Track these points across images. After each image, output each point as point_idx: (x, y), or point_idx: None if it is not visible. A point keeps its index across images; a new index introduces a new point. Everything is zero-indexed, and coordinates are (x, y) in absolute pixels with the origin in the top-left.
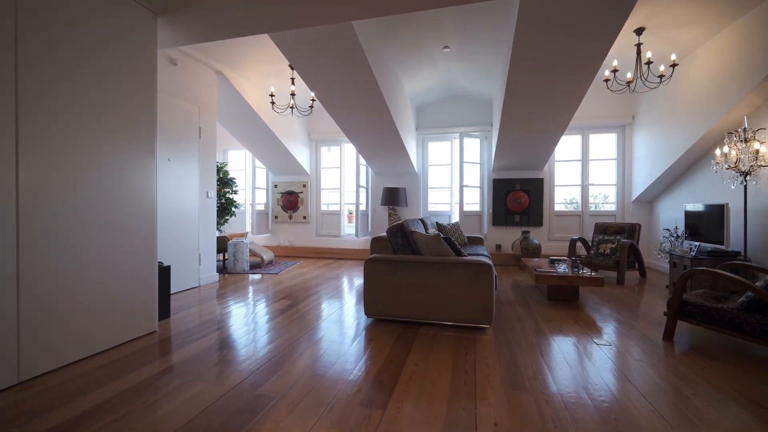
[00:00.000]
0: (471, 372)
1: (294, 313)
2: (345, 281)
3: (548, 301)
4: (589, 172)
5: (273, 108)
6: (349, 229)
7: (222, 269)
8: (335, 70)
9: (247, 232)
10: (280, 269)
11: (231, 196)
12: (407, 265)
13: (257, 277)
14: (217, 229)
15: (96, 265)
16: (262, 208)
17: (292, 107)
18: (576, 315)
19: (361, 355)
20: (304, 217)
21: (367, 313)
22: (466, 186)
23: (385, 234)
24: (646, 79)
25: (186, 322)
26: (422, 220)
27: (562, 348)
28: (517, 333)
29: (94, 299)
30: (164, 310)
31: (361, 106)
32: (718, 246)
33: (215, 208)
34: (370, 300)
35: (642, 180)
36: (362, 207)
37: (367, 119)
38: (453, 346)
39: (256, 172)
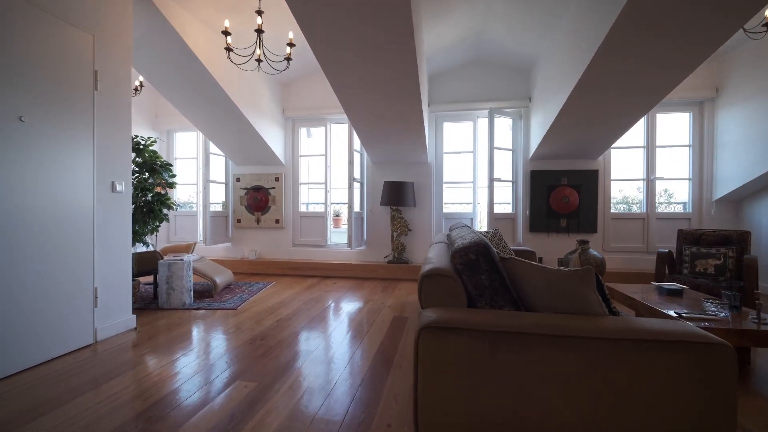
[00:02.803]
0: None
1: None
2: (338, 320)
3: None
4: (656, 163)
5: (229, 57)
6: (337, 236)
7: (151, 302)
8: None
9: (196, 243)
10: (241, 298)
11: (164, 191)
12: (524, 341)
13: (202, 314)
14: (141, 240)
15: None
16: (219, 208)
17: (259, 59)
18: None
19: None
20: (277, 221)
21: None
22: (496, 180)
23: (442, 264)
24: None
25: None
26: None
27: None
28: None
29: None
30: None
31: (375, 52)
32: None
33: (130, 209)
34: (432, 417)
35: (732, 173)
36: (356, 207)
37: (378, 75)
38: None
39: (210, 160)
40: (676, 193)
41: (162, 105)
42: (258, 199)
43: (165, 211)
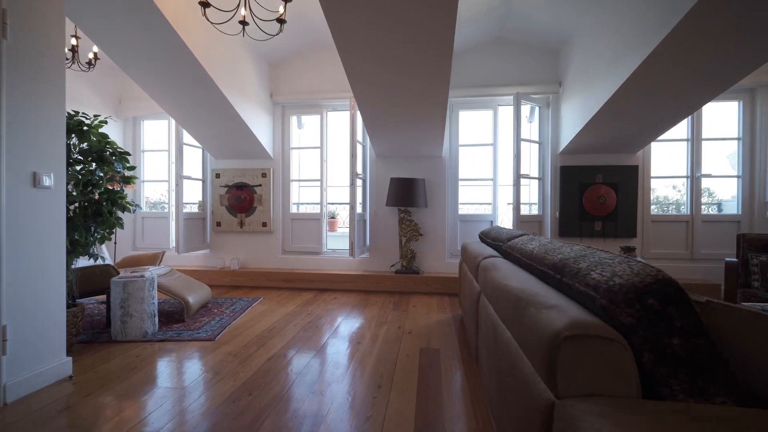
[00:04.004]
0: None
1: None
2: (349, 358)
3: None
4: (701, 159)
5: (205, 14)
6: (333, 241)
7: (103, 329)
8: None
9: (164, 252)
10: (221, 323)
11: (117, 188)
12: None
13: (169, 348)
14: (86, 253)
15: None
16: (195, 209)
17: (243, 21)
18: None
19: None
20: (264, 224)
21: None
22: (523, 177)
23: (582, 314)
24: None
25: None
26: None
27: None
28: None
29: None
30: None
31: (404, 13)
32: None
33: (64, 212)
34: None
35: None
36: (357, 209)
37: (402, 44)
38: None
39: (184, 152)
40: (717, 192)
41: (128, 87)
42: (241, 199)
43: (119, 213)
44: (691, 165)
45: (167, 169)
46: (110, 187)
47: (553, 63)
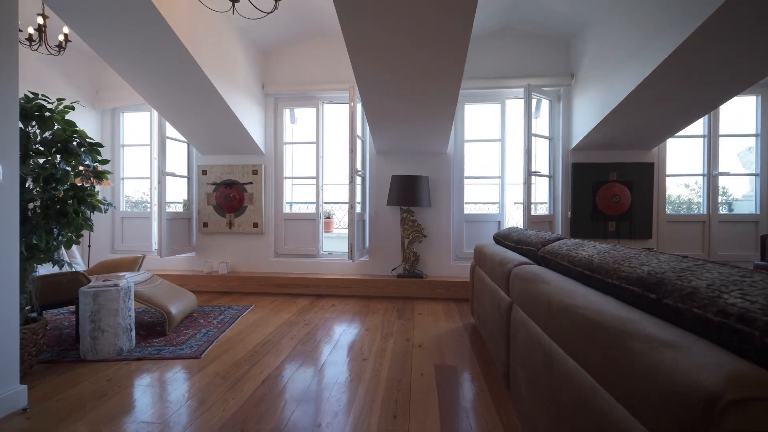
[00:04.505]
0: None
1: None
2: (353, 377)
3: None
4: (719, 155)
5: None
6: (330, 243)
7: (72, 346)
8: None
9: (144, 256)
10: (207, 336)
11: (89, 184)
12: None
13: (147, 368)
14: (52, 259)
15: None
16: (179, 209)
17: None
18: None
19: None
20: (255, 225)
21: None
22: (535, 174)
23: (750, 365)
24: None
25: None
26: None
27: None
28: None
29: None
30: None
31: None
32: None
33: (17, 210)
34: None
35: None
36: (357, 208)
37: (417, 30)
38: None
39: (167, 146)
40: (732, 191)
41: (106, 76)
42: (230, 197)
43: (88, 213)
44: (708, 162)
45: (149, 166)
46: (78, 183)
47: (564, 54)
